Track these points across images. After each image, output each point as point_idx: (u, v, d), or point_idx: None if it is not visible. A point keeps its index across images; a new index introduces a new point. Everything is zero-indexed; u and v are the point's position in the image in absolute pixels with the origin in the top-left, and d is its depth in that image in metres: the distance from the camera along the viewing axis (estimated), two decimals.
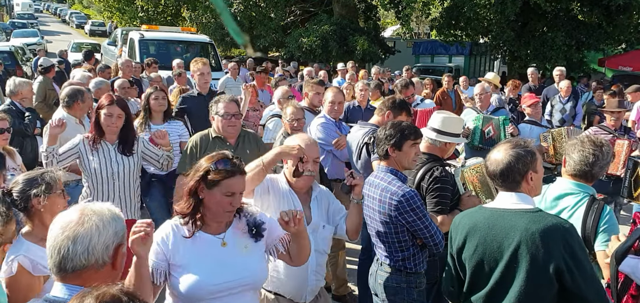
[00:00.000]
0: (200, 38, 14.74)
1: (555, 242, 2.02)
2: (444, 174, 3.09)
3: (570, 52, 16.11)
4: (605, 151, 2.63)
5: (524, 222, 2.08)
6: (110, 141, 3.68)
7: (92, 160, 3.65)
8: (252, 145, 3.85)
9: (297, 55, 18.87)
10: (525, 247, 2.04)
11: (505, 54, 18.92)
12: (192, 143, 3.82)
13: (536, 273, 2.03)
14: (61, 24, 45.98)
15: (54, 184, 2.35)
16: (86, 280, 1.53)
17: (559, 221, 2.10)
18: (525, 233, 2.05)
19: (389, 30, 30.11)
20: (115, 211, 1.65)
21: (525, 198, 2.19)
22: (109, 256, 1.58)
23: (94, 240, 1.55)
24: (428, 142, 3.28)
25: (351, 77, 9.28)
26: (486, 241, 2.16)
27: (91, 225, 1.56)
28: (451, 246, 2.37)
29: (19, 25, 33.01)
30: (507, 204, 2.19)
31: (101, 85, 6.08)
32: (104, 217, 1.60)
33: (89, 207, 1.62)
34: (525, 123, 5.81)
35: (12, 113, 5.02)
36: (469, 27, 17.86)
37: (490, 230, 2.16)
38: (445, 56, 24.90)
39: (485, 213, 2.24)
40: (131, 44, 13.39)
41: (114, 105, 3.63)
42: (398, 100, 4.17)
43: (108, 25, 32.85)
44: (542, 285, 2.04)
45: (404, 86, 6.09)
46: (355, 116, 5.43)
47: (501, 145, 2.28)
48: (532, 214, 2.12)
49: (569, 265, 2.00)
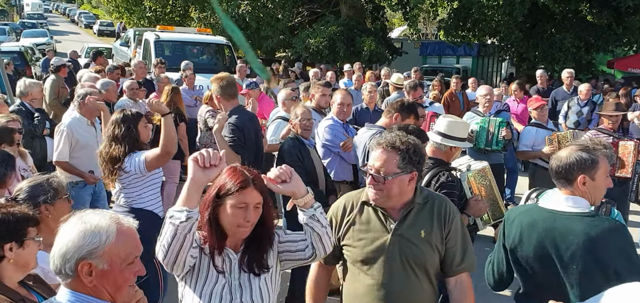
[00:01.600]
0: (216, 39, 14.39)
1: (614, 247, 2.13)
2: (450, 179, 3.08)
3: (579, 54, 16.00)
4: (608, 153, 2.60)
5: (582, 227, 2.17)
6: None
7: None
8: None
9: (304, 56, 18.88)
10: (583, 251, 2.13)
11: (513, 56, 18.84)
12: None
13: (596, 276, 2.12)
14: (70, 24, 46.32)
15: (61, 189, 2.32)
16: (72, 285, 1.54)
17: (615, 225, 2.21)
18: (584, 238, 2.14)
19: (397, 31, 30.08)
20: (95, 224, 1.54)
21: (580, 201, 2.25)
22: (70, 269, 1.52)
23: (55, 249, 1.54)
24: (433, 146, 3.27)
25: (358, 79, 9.27)
26: (543, 243, 2.24)
27: (63, 234, 1.55)
28: (504, 240, 2.43)
29: (29, 26, 33.32)
30: (563, 207, 2.26)
31: (108, 86, 6.10)
32: (75, 227, 1.54)
33: (80, 214, 1.60)
34: (531, 126, 5.77)
35: (21, 114, 5.05)
36: (476, 28, 17.80)
37: (548, 232, 2.24)
38: (453, 57, 24.77)
39: (542, 213, 2.32)
40: (146, 45, 13.17)
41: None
42: (407, 102, 4.16)
43: (117, 25, 33.06)
44: (603, 286, 2.08)
45: (413, 87, 6.08)
46: (364, 118, 5.42)
47: (571, 145, 2.35)
48: (590, 218, 2.21)
49: (625, 268, 2.09)
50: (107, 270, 1.55)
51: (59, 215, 2.23)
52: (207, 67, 12.23)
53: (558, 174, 2.28)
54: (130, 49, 17.01)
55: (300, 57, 18.82)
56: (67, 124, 4.60)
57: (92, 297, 1.55)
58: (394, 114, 4.01)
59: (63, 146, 4.54)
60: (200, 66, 12.18)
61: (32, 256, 1.89)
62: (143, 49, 13.48)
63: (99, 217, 1.57)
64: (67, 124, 4.61)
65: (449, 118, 3.36)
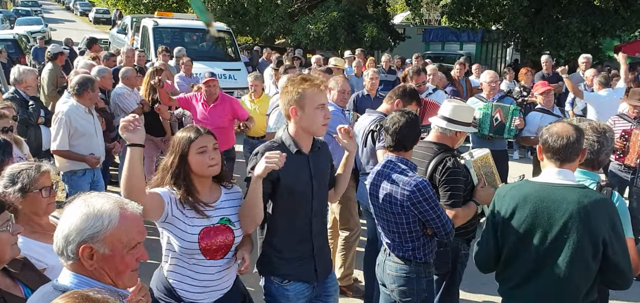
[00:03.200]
0: (216, 26, 14.01)
1: (603, 216, 2.24)
2: (456, 165, 3.02)
3: (585, 39, 15.78)
4: (608, 136, 2.65)
5: (575, 196, 2.27)
6: None
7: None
8: None
9: (305, 42, 18.68)
10: (577, 219, 2.24)
11: (518, 41, 18.60)
12: None
13: (586, 244, 2.24)
14: (65, 11, 45.92)
15: (32, 184, 2.26)
16: (74, 268, 1.55)
17: (604, 197, 2.35)
18: (578, 206, 2.25)
19: (399, 17, 29.79)
20: (95, 209, 1.54)
21: (570, 174, 2.38)
22: (72, 252, 1.53)
23: (58, 231, 1.55)
24: (438, 131, 3.19)
25: (358, 66, 9.12)
26: (537, 212, 2.32)
27: (65, 217, 1.55)
28: (494, 216, 2.50)
29: (23, 13, 33.08)
30: (554, 179, 2.36)
31: (104, 73, 6.02)
32: (77, 210, 1.55)
33: (83, 197, 1.59)
34: (537, 111, 5.66)
35: (16, 101, 4.98)
36: (480, 14, 17.58)
37: (542, 202, 2.32)
38: (457, 43, 24.54)
39: (535, 186, 2.41)
40: (144, 32, 12.99)
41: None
42: (408, 88, 4.13)
43: (113, 12, 32.84)
44: (590, 255, 2.26)
45: (416, 72, 5.97)
46: (365, 105, 5.34)
47: (560, 123, 2.46)
48: (582, 189, 2.33)
49: (611, 237, 2.23)
50: (108, 254, 1.55)
51: (33, 208, 2.27)
52: (206, 54, 12.14)
53: (558, 151, 2.35)
54: (128, 37, 16.82)
55: (300, 43, 18.62)
56: (65, 113, 4.55)
57: (94, 279, 1.55)
58: (396, 100, 3.99)
59: (62, 135, 4.50)
60: (200, 53, 12.10)
61: (4, 246, 1.80)
62: (141, 36, 13.30)
63: (103, 201, 1.58)
64: (65, 112, 4.57)
65: (454, 102, 3.29)
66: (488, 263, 2.57)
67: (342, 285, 4.48)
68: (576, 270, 2.26)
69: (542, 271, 2.33)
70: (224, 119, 5.34)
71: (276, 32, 21.04)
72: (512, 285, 2.44)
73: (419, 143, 3.17)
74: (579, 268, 2.26)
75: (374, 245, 3.90)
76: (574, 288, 2.29)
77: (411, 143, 2.85)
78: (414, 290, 2.85)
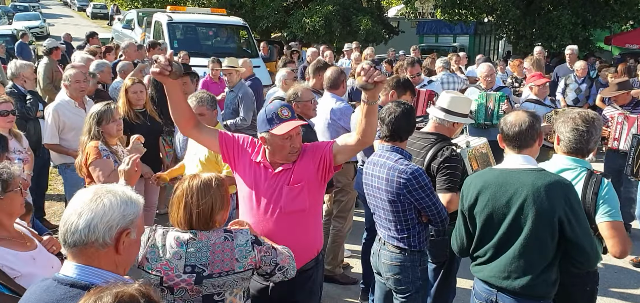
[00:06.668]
0: (232, 20, 13.21)
1: (558, 196, 2.31)
2: (454, 154, 3.08)
3: (576, 31, 15.90)
4: (596, 125, 2.71)
5: (530, 178, 2.37)
6: None
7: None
8: None
9: (300, 36, 18.69)
10: (531, 200, 2.33)
11: (510, 33, 18.69)
12: None
13: (541, 223, 2.33)
14: (63, 6, 45.54)
15: (11, 182, 2.21)
16: (89, 258, 1.53)
17: (560, 178, 2.42)
18: (532, 188, 2.34)
19: (393, 10, 29.81)
20: (130, 195, 1.60)
21: (530, 159, 2.50)
22: (111, 238, 1.53)
23: (97, 218, 1.51)
24: (436, 122, 3.25)
25: (356, 58, 9.20)
26: (496, 196, 2.43)
27: (98, 204, 1.53)
28: (462, 204, 2.60)
29: (21, 9, 32.82)
30: (514, 164, 2.49)
31: (103, 67, 6.04)
32: (114, 198, 1.56)
33: (105, 187, 1.60)
34: (529, 102, 5.76)
35: (14, 96, 5.00)
36: (473, 6, 17.64)
37: (500, 187, 2.43)
38: (450, 36, 24.64)
39: (495, 173, 2.53)
40: (157, 27, 12.13)
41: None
42: (402, 79, 4.16)
43: (110, 8, 32.59)
44: (546, 234, 2.35)
45: (410, 63, 6.05)
46: (358, 97, 5.37)
47: (515, 112, 2.58)
48: (538, 172, 2.42)
49: (568, 216, 2.30)
50: (134, 240, 1.60)
51: (8, 208, 2.20)
52: (222, 50, 11.17)
53: (519, 138, 2.49)
54: (135, 32, 15.89)
55: (296, 37, 18.62)
56: (54, 107, 4.62)
57: (99, 268, 1.54)
58: (390, 91, 4.01)
59: (51, 129, 4.58)
60: (216, 49, 11.30)
61: None
62: (153, 31, 12.47)
63: (123, 188, 1.62)
64: (53, 107, 4.63)
65: (451, 94, 3.34)
66: (462, 248, 2.69)
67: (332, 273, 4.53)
68: (532, 248, 2.37)
69: (503, 250, 2.45)
70: None
71: (272, 25, 21.00)
72: (482, 261, 2.57)
73: (417, 133, 3.23)
74: (535, 247, 2.36)
75: (372, 234, 3.92)
76: (529, 266, 2.39)
77: (406, 134, 2.91)
78: (409, 278, 2.90)
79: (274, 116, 2.54)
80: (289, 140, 2.54)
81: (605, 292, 4.47)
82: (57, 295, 1.46)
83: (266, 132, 2.55)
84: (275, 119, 2.53)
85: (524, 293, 2.42)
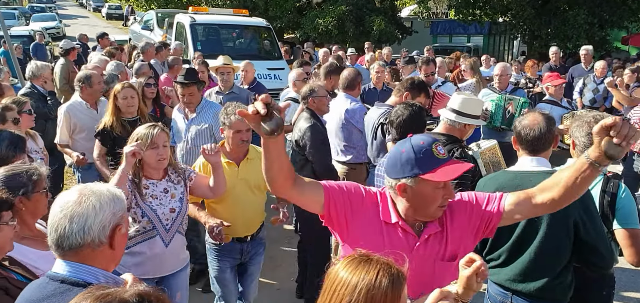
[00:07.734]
0: (255, 21, 12.82)
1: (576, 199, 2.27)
2: (464, 155, 3.07)
3: (592, 31, 15.70)
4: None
5: None
6: None
7: None
8: None
9: (313, 36, 18.74)
10: None
11: (525, 33, 18.53)
12: None
13: (557, 226, 2.33)
14: (78, 7, 46.16)
15: (40, 182, 2.24)
16: (84, 258, 1.57)
17: None
18: None
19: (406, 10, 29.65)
20: (114, 192, 1.65)
21: (544, 161, 2.48)
22: (105, 236, 1.59)
23: (90, 219, 1.56)
24: (447, 123, 3.24)
25: (372, 59, 9.21)
26: None
27: (88, 205, 1.57)
28: None
29: (38, 10, 33.40)
30: (528, 167, 2.48)
31: (122, 68, 6.09)
32: (101, 197, 1.60)
33: (88, 187, 1.63)
34: (545, 103, 5.71)
35: (33, 96, 5.07)
36: (487, 6, 17.52)
37: (515, 189, 2.33)
38: (464, 36, 24.45)
39: (509, 175, 2.53)
40: (179, 28, 11.89)
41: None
42: (417, 81, 4.14)
43: (125, 8, 32.95)
44: (562, 236, 2.35)
45: (425, 61, 6.04)
46: (371, 98, 5.39)
47: (531, 115, 2.56)
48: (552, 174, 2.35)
49: (583, 219, 2.30)
50: (124, 233, 1.65)
51: (35, 209, 2.22)
52: (245, 52, 10.91)
53: (530, 143, 2.47)
54: (154, 34, 15.52)
55: (309, 37, 18.68)
56: (66, 108, 4.67)
57: (89, 265, 1.57)
58: (404, 93, 4.01)
59: (62, 129, 4.64)
60: (239, 51, 11.11)
61: (6, 240, 1.88)
62: (175, 33, 12.24)
63: (106, 186, 1.67)
64: (66, 108, 4.68)
65: (463, 95, 3.32)
66: (475, 250, 2.67)
67: None
68: (548, 251, 2.36)
69: (517, 253, 2.45)
70: None
71: (285, 26, 21.09)
72: (496, 264, 2.56)
73: (428, 135, 3.23)
74: (551, 249, 2.36)
75: None
76: (545, 269, 2.39)
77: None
78: None
79: (428, 155, 1.81)
80: (443, 190, 1.84)
81: (621, 296, 4.42)
82: (48, 291, 1.52)
83: (413, 177, 1.81)
84: (429, 160, 1.80)
85: (539, 296, 2.41)
